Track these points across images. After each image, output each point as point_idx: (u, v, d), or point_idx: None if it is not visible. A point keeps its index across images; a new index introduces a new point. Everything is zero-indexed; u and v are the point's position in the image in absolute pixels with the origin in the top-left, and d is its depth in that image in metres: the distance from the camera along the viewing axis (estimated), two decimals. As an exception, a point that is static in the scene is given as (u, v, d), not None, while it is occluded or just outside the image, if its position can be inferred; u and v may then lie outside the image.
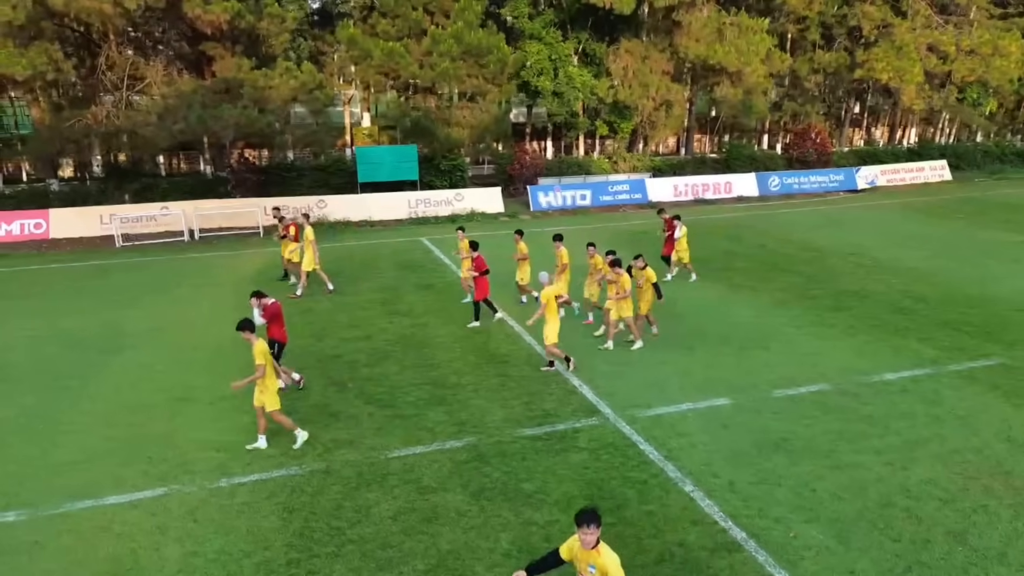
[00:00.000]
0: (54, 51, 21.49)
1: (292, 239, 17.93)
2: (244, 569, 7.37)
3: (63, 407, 11.31)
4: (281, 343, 11.79)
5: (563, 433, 10.05)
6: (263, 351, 9.49)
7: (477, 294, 14.72)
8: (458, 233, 16.35)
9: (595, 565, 5.47)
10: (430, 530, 7.93)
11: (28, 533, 8.05)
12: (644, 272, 13.22)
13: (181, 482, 9.03)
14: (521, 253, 15.72)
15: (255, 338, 9.54)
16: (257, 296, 11.54)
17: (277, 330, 11.69)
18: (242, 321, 9.68)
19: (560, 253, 14.99)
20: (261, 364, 9.44)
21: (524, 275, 15.91)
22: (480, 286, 14.60)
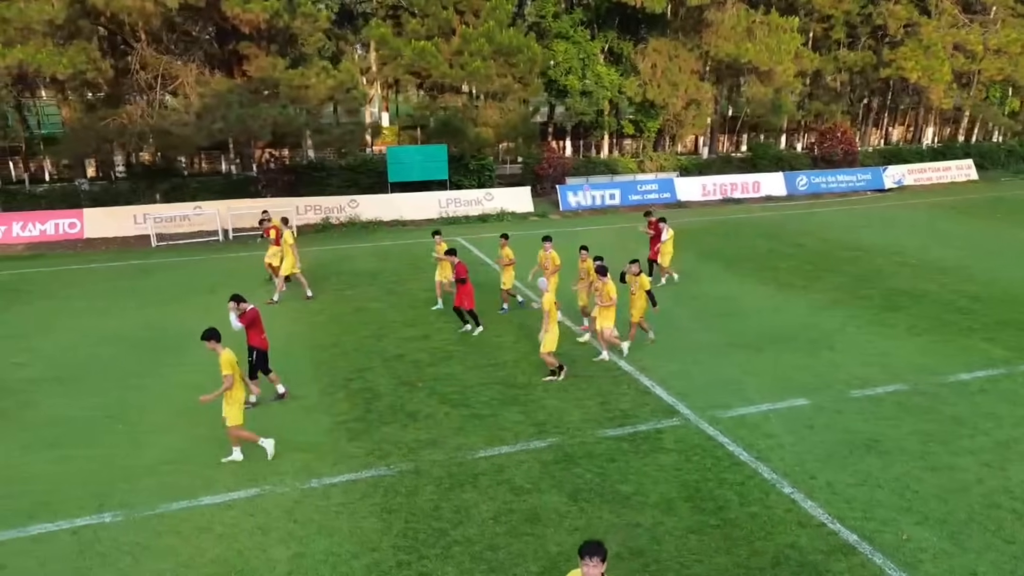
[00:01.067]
0: (92, 50, 21.46)
1: (273, 243, 17.41)
2: (354, 571, 7.32)
3: (136, 407, 11.26)
4: (261, 350, 11.28)
5: (647, 434, 9.99)
6: (230, 362, 9.11)
7: (456, 300, 14.17)
8: (435, 238, 15.84)
9: None
10: (534, 531, 7.88)
11: (128, 534, 8.01)
12: (638, 279, 12.86)
13: (272, 483, 8.98)
14: (507, 258, 15.21)
15: (222, 348, 9.19)
16: (235, 300, 10.99)
17: (256, 337, 11.18)
18: (207, 330, 9.26)
19: (550, 255, 14.50)
20: (228, 375, 9.08)
21: (508, 281, 15.39)
22: (460, 293, 14.07)
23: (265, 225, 18.05)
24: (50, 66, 19.60)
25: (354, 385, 11.98)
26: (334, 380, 12.18)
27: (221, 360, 9.11)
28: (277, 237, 17.21)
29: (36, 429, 10.62)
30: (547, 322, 11.50)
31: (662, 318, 14.98)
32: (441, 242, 15.64)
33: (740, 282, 17.81)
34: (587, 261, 13.89)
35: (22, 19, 19.48)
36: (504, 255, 15.25)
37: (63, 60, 19.62)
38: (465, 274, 14.00)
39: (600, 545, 5.00)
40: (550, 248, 14.57)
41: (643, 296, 12.90)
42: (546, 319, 11.50)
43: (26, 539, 7.95)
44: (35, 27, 19.54)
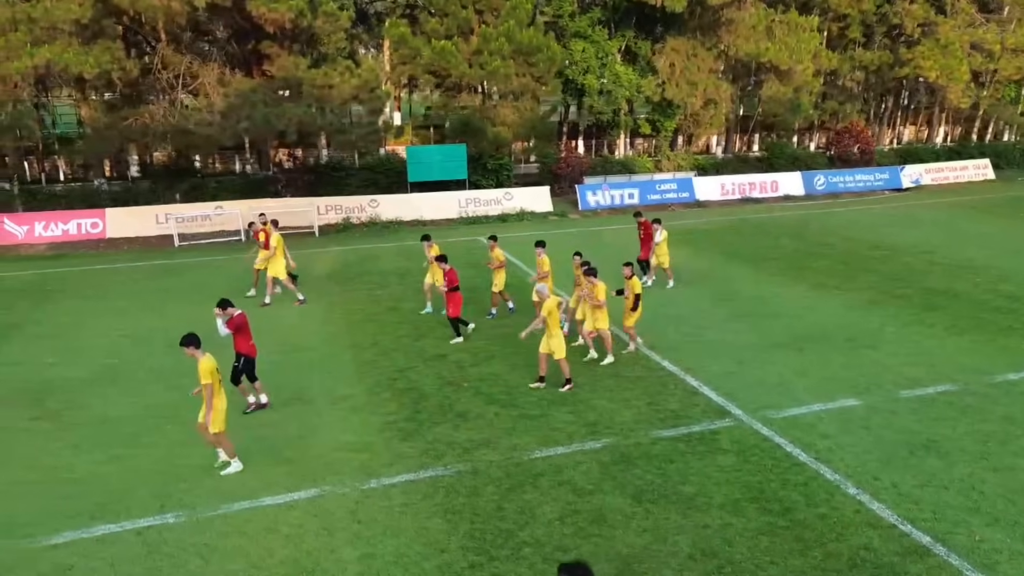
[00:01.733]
0: (116, 49, 21.44)
1: (263, 247, 16.68)
2: (426, 572, 7.28)
3: (184, 407, 11.19)
4: (249, 357, 10.93)
5: (701, 435, 9.95)
6: (209, 369, 8.83)
7: (450, 311, 13.73)
8: (424, 244, 15.50)
9: None
10: (603, 532, 7.84)
11: (193, 535, 7.98)
12: (630, 282, 12.59)
13: (331, 483, 8.95)
14: (497, 261, 14.81)
15: (200, 354, 8.88)
16: (222, 306, 10.69)
17: (244, 343, 10.83)
18: (186, 336, 8.95)
19: (541, 261, 14.12)
20: (208, 383, 8.80)
21: (500, 283, 14.96)
22: (452, 302, 13.67)
23: (255, 228, 17.41)
24: (77, 65, 19.58)
25: (399, 385, 11.95)
26: (379, 380, 12.15)
27: (200, 368, 8.79)
28: (267, 241, 16.54)
29: (86, 429, 10.61)
30: (538, 325, 11.31)
31: (700, 318, 15.01)
32: (432, 246, 15.22)
33: (772, 282, 17.75)
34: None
35: (48, 19, 19.47)
36: (494, 257, 14.84)
37: (89, 59, 19.59)
38: (456, 281, 13.61)
39: (586, 569, 4.62)
40: (542, 253, 14.22)
41: (633, 300, 12.56)
42: (539, 322, 11.31)
43: (91, 540, 7.92)
44: (61, 26, 19.53)
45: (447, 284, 13.69)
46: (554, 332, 11.29)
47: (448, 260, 14.06)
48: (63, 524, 8.19)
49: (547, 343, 11.38)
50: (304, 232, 25.57)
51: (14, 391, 12.03)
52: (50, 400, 11.63)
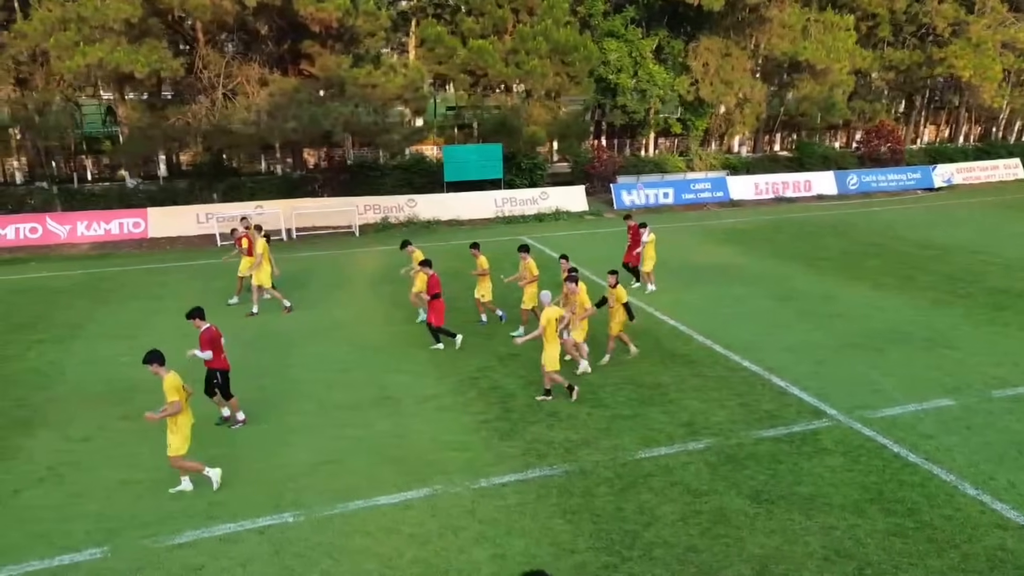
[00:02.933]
0: (162, 49, 21.44)
1: (245, 253, 16.30)
2: (561, 572, 7.24)
3: (275, 408, 11.21)
4: (224, 371, 10.47)
5: (803, 435, 9.90)
6: (176, 387, 8.47)
7: (430, 318, 13.38)
8: (407, 248, 15.08)
9: None
10: (729, 533, 7.80)
11: (316, 535, 7.95)
12: (615, 291, 12.25)
13: (441, 483, 8.92)
14: (481, 268, 14.45)
15: (165, 371, 8.54)
16: (194, 317, 10.24)
17: (216, 358, 10.34)
18: (148, 354, 8.61)
19: (528, 265, 13.82)
20: (175, 400, 8.43)
21: (485, 291, 14.63)
22: (434, 310, 13.31)
23: (238, 233, 16.80)
24: (128, 64, 19.56)
25: (482, 384, 11.92)
26: (460, 379, 12.11)
27: (164, 385, 8.45)
28: (250, 247, 16.13)
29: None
30: (539, 334, 10.91)
31: (768, 318, 14.97)
32: (414, 251, 14.81)
33: (831, 281, 17.67)
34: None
35: (98, 18, 19.45)
36: (479, 265, 14.47)
37: (140, 59, 19.57)
38: (438, 288, 13.24)
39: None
40: (527, 258, 13.91)
41: (621, 309, 12.24)
42: (540, 332, 10.90)
43: (214, 540, 7.89)
44: (112, 26, 19.51)
45: (429, 291, 13.28)
46: (549, 343, 10.88)
47: (432, 265, 13.55)
48: (182, 524, 8.17)
49: (543, 355, 10.98)
50: (343, 232, 25.58)
51: (98, 390, 12.03)
52: (136, 399, 11.59)
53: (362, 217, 26.17)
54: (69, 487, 9.04)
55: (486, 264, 14.48)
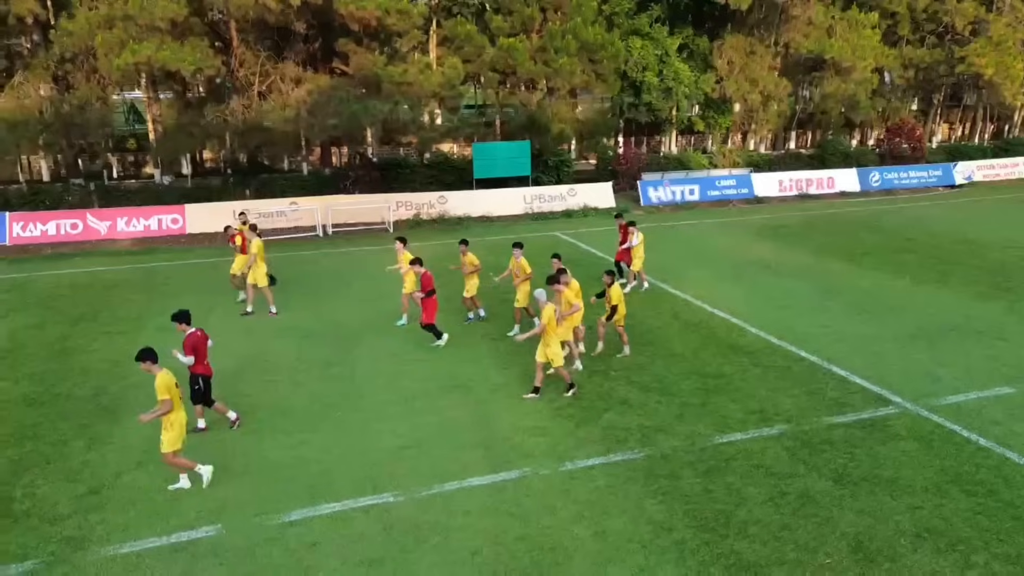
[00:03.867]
0: (204, 47, 21.74)
1: (239, 251, 16.23)
2: (663, 548, 7.55)
3: (350, 397, 11.51)
4: (207, 377, 10.30)
5: (872, 422, 10.19)
6: (168, 385, 8.49)
7: (424, 316, 13.25)
8: (396, 244, 14.86)
9: None
10: (819, 513, 8.10)
11: (420, 513, 8.26)
12: (609, 290, 12.44)
13: (529, 465, 9.22)
14: (472, 266, 14.40)
15: (157, 369, 8.56)
16: (180, 320, 10.16)
17: (199, 363, 10.17)
18: (141, 351, 8.62)
19: (521, 263, 13.87)
20: (166, 399, 8.45)
21: (472, 288, 14.60)
22: (427, 308, 13.18)
23: (231, 232, 16.69)
24: (175, 62, 19.89)
25: (549, 373, 12.21)
26: (525, 369, 12.35)
27: (157, 384, 8.46)
28: (243, 245, 16.08)
29: (260, 416, 10.88)
30: (539, 331, 10.98)
31: (819, 312, 15.24)
32: (404, 250, 14.60)
33: (873, 276, 17.92)
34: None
35: (145, 16, 19.77)
36: (466, 262, 14.41)
37: (186, 57, 19.88)
38: (431, 285, 13.08)
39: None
40: (520, 255, 13.92)
41: (622, 305, 12.49)
42: (539, 330, 10.96)
43: (322, 518, 8.21)
44: (159, 25, 19.82)
45: (423, 288, 13.14)
46: (551, 341, 10.96)
47: (423, 263, 13.40)
48: (287, 504, 8.48)
49: (543, 351, 11.06)
50: (377, 228, 25.86)
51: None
52: (213, 387, 11.91)
53: (394, 213, 26.46)
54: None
55: (476, 261, 14.47)
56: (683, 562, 7.32)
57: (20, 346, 14.14)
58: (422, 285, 13.16)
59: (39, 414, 11.11)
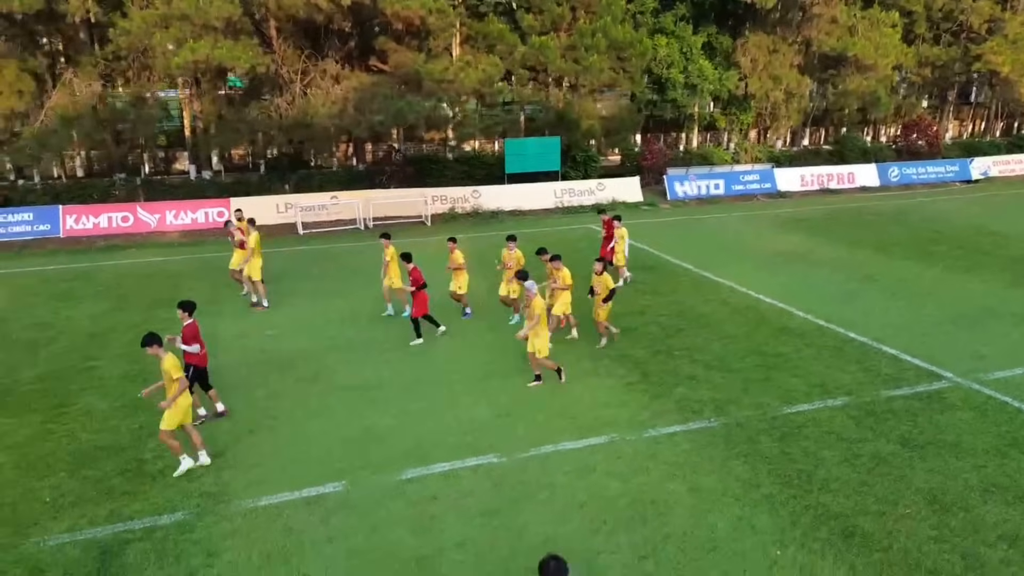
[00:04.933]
0: (254, 45, 22.47)
1: (238, 246, 16.60)
2: (755, 501, 8.29)
3: (433, 372, 12.26)
4: (198, 367, 10.52)
5: (928, 394, 10.94)
6: (176, 365, 8.94)
7: (415, 310, 13.56)
8: (382, 241, 15.14)
9: None
10: (891, 472, 8.84)
11: (521, 473, 9.00)
12: (601, 278, 12.85)
13: (613, 432, 9.97)
14: (456, 263, 14.71)
15: (163, 352, 8.95)
16: (185, 309, 10.48)
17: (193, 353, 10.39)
18: (146, 336, 8.96)
19: (515, 255, 14.26)
20: (180, 377, 8.93)
21: (461, 285, 14.90)
22: (418, 302, 13.50)
23: (230, 228, 17.12)
24: (230, 60, 20.62)
25: (613, 354, 12.95)
26: (591, 349, 13.14)
27: (165, 365, 8.86)
28: (243, 240, 16.47)
29: (348, 393, 11.59)
30: (538, 326, 11.29)
31: (859, 298, 15.97)
32: (389, 245, 14.90)
33: (905, 266, 18.65)
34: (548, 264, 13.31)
35: (202, 16, 20.50)
36: (453, 259, 14.74)
37: (241, 55, 20.61)
38: (422, 280, 13.36)
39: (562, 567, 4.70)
40: (514, 247, 14.33)
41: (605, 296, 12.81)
42: (536, 321, 11.24)
43: (435, 476, 8.96)
44: (214, 24, 20.55)
45: (412, 283, 13.44)
46: (540, 332, 11.36)
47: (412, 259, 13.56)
48: (400, 464, 9.23)
49: (532, 342, 11.41)
50: (415, 221, 26.61)
51: (259, 358, 13.09)
52: (298, 365, 12.69)
53: (430, 207, 27.20)
54: (280, 436, 10.12)
55: (461, 259, 14.78)
56: (775, 512, 8.07)
57: (107, 329, 14.94)
58: (412, 279, 13.45)
59: (139, 388, 11.86)
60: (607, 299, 12.88)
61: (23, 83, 23.04)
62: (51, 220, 23.63)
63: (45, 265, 20.70)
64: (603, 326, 13.30)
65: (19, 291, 17.88)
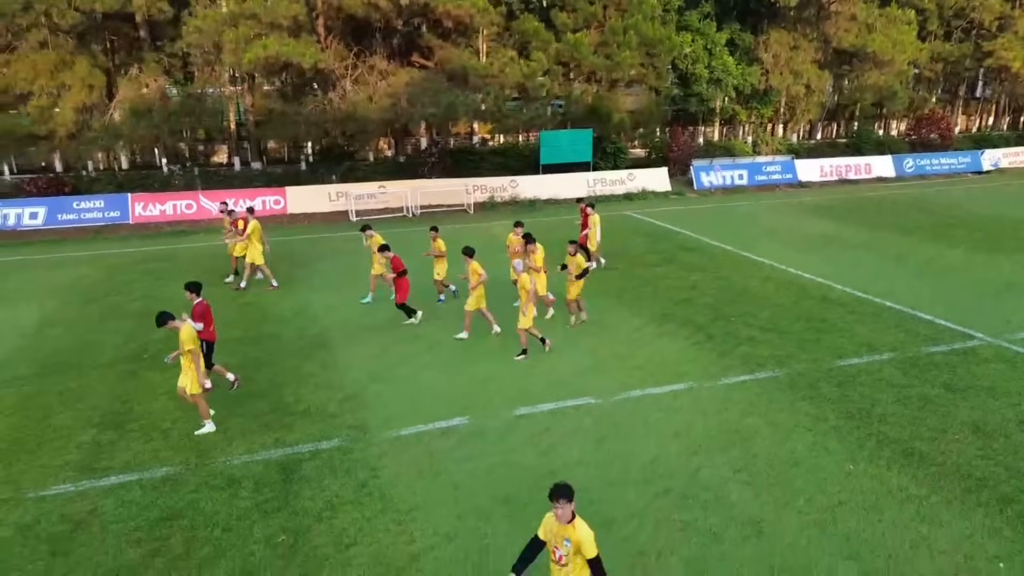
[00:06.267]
0: (313, 42, 23.87)
1: (239, 234, 17.35)
2: (823, 430, 9.73)
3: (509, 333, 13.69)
4: (210, 342, 11.26)
5: (963, 351, 12.39)
6: (192, 336, 9.66)
7: (398, 297, 14.29)
8: (365, 232, 16.02)
9: (570, 539, 5.52)
10: (939, 409, 10.28)
11: (614, 413, 10.44)
12: (574, 259, 13.67)
13: (690, 381, 11.42)
14: (438, 251, 15.42)
15: (180, 323, 9.69)
16: (192, 290, 11.18)
17: (204, 329, 10.91)
18: (160, 316, 9.77)
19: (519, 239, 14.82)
20: (192, 349, 9.60)
21: (441, 271, 15.67)
22: (400, 287, 14.22)
23: (237, 215, 18.03)
24: (296, 56, 22.03)
25: (675, 318, 14.39)
26: (653, 315, 14.61)
27: (183, 336, 9.61)
28: (245, 228, 17.17)
29: (449, 348, 13.05)
30: (524, 302, 12.34)
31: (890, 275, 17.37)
32: (373, 235, 15.65)
33: (930, 246, 20.08)
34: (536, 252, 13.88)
35: (270, 15, 21.91)
36: (436, 247, 15.45)
37: (305, 51, 22.02)
38: (402, 267, 14.08)
39: (567, 487, 5.48)
40: (520, 232, 15.03)
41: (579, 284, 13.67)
42: (532, 296, 12.30)
43: (544, 413, 10.42)
44: (281, 22, 21.96)
45: (394, 270, 14.19)
46: (526, 308, 12.33)
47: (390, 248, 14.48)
48: (511, 404, 10.68)
49: (519, 317, 12.42)
50: (457, 209, 28.05)
51: (354, 327, 14.41)
52: (393, 330, 14.08)
53: (471, 196, 28.64)
54: (399, 384, 11.57)
55: (443, 247, 15.48)
56: (843, 439, 9.52)
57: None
58: (392, 267, 14.25)
59: (258, 349, 13.33)
60: (580, 276, 13.69)
61: (94, 78, 24.49)
62: (121, 207, 25.09)
63: (123, 248, 22.15)
64: (574, 304, 14.04)
65: (113, 270, 19.34)
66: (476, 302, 13.42)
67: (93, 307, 16.07)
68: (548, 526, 5.71)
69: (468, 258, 13.46)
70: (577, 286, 13.84)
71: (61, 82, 24.58)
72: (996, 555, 7.26)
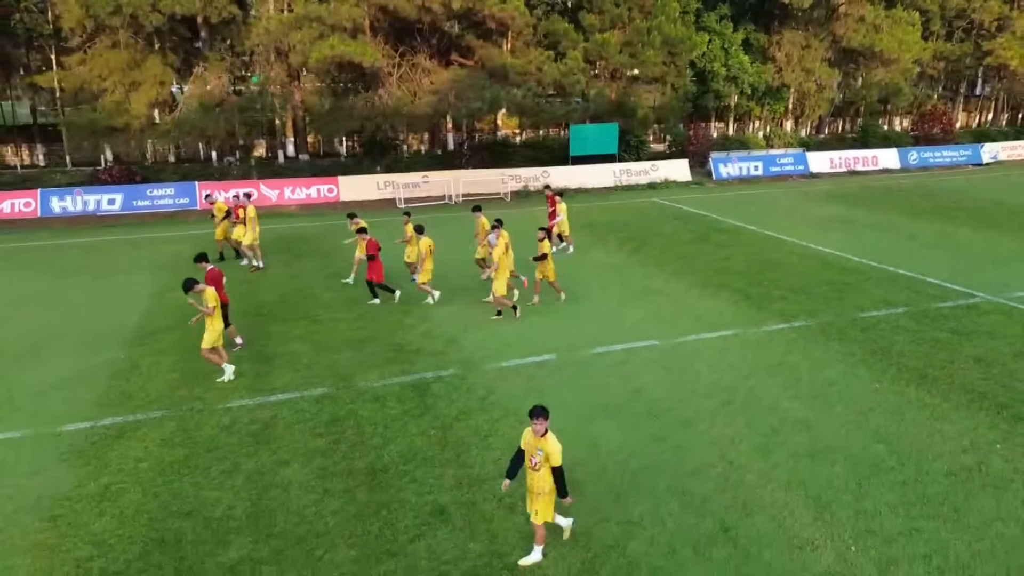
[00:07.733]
0: (369, 43, 25.96)
1: (240, 221, 19.02)
2: (852, 363, 11.82)
3: (581, 294, 15.77)
4: (223, 304, 12.20)
5: (967, 306, 14.52)
6: (213, 295, 11.25)
7: (370, 274, 15.32)
8: (350, 220, 17.43)
9: (542, 449, 6.77)
10: (948, 348, 12.36)
11: (674, 352, 12.52)
12: (541, 244, 14.88)
13: (735, 328, 13.51)
14: (409, 234, 16.48)
15: (202, 286, 11.24)
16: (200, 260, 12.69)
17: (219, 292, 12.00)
18: (185, 283, 11.09)
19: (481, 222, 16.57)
20: (213, 307, 11.20)
21: (411, 254, 16.67)
22: (372, 268, 15.27)
23: (239, 202, 19.69)
24: (358, 56, 24.12)
25: (713, 283, 16.49)
26: (692, 281, 16.71)
27: (206, 297, 11.19)
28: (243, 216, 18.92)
29: (538, 308, 15.12)
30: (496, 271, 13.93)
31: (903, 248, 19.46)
32: (357, 222, 16.95)
33: (936, 225, 22.24)
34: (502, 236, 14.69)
35: (333, 17, 24.00)
36: (406, 232, 16.63)
37: (366, 51, 24.11)
38: (375, 251, 15.21)
39: (543, 408, 6.70)
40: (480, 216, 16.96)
41: (550, 258, 14.99)
42: (495, 268, 13.95)
43: (615, 352, 12.49)
44: (344, 25, 24.05)
45: (368, 252, 15.33)
46: (499, 276, 13.97)
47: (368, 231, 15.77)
48: (587, 345, 12.75)
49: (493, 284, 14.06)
50: (494, 197, 30.16)
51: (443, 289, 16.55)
52: (475, 293, 16.15)
53: (506, 186, 30.76)
54: (488, 331, 13.67)
55: (411, 231, 16.43)
56: (870, 368, 11.63)
57: (297, 271, 18.59)
58: (368, 249, 15.31)
59: (362, 307, 15.38)
60: (536, 259, 14.88)
61: (166, 76, 26.60)
62: (189, 194, 27.22)
63: (200, 230, 24.26)
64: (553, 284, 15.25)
65: (205, 247, 21.37)
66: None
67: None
68: (527, 438, 6.94)
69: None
70: (544, 267, 14.99)
71: (132, 80, 26.73)
72: (994, 440, 9.36)
